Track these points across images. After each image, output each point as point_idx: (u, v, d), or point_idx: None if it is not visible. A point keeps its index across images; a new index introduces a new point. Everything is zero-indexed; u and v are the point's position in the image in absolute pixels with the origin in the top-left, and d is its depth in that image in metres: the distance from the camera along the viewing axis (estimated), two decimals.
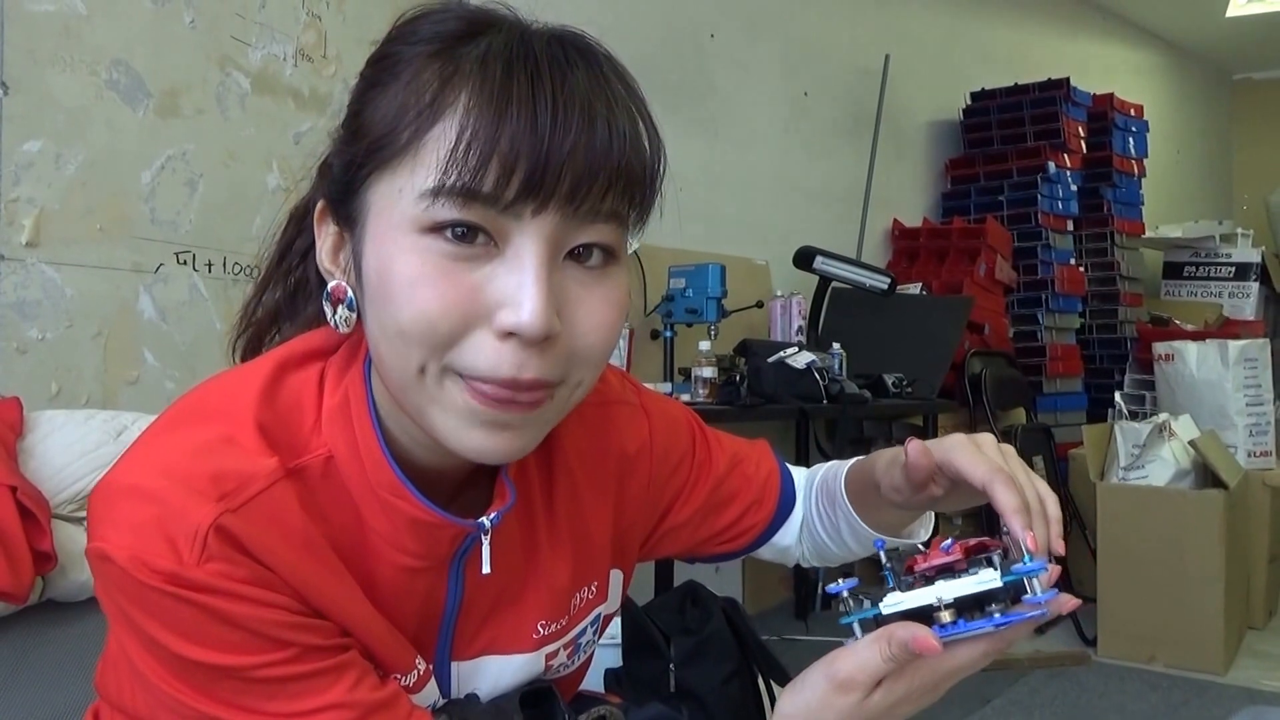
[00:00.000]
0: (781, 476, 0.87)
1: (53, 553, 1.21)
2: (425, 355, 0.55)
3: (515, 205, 0.53)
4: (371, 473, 0.61)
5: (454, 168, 0.52)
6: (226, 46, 1.97)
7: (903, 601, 0.57)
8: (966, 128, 4.18)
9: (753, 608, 2.98)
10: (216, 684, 0.56)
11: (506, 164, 0.52)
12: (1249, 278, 4.58)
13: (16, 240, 1.68)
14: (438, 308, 0.54)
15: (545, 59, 0.55)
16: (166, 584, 0.54)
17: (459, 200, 0.53)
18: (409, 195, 0.54)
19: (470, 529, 0.63)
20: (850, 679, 0.57)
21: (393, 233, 0.55)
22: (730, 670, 1.69)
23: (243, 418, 0.59)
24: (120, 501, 0.56)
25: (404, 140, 0.55)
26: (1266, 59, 6.29)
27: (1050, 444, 3.45)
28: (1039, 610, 0.56)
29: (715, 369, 2.48)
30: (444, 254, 0.54)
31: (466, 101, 0.53)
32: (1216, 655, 2.73)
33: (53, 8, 1.73)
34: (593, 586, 0.75)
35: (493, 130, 0.52)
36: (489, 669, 0.70)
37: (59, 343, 1.74)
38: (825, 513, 0.85)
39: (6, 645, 1.23)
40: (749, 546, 0.87)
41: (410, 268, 0.54)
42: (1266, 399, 3.35)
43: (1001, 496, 0.62)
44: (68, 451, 1.35)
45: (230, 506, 0.55)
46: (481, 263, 0.54)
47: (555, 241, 0.55)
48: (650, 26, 2.98)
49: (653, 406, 0.80)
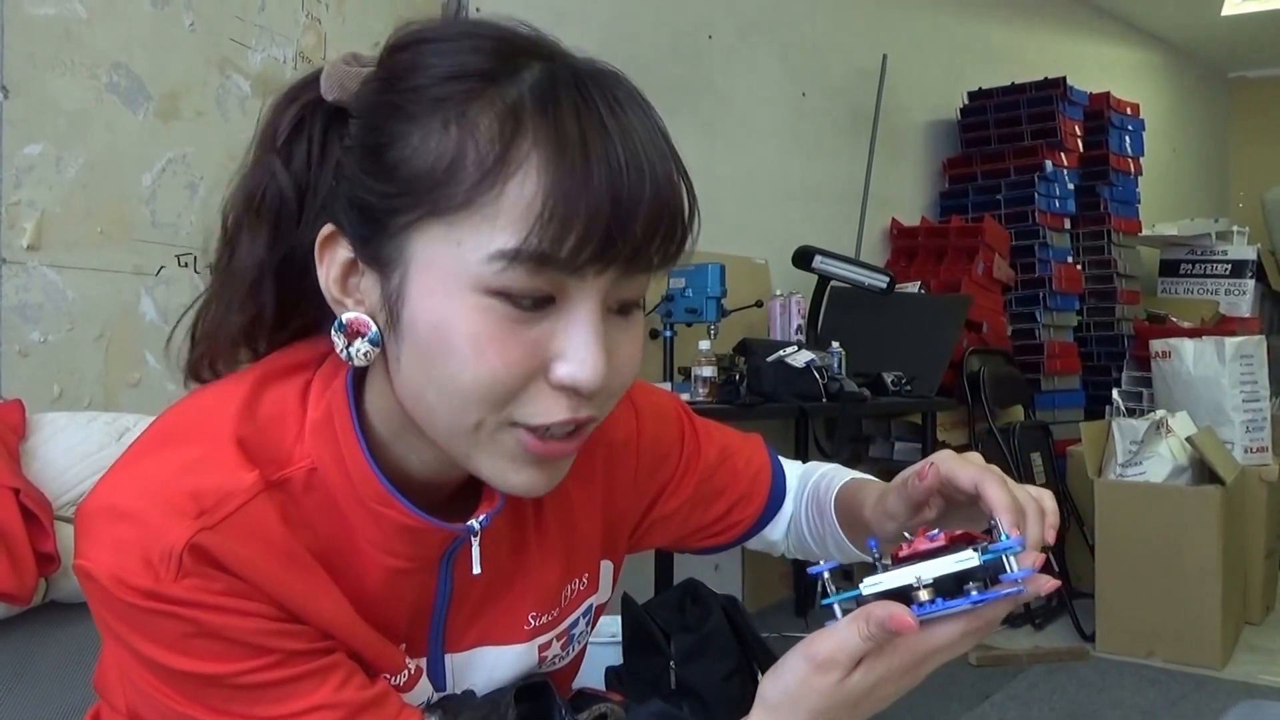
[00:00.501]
0: (773, 472, 0.88)
1: (56, 554, 1.21)
2: (485, 412, 0.56)
3: (584, 268, 0.54)
4: (358, 485, 0.61)
5: (535, 234, 0.52)
6: (226, 49, 1.98)
7: (881, 582, 0.57)
8: (964, 127, 4.18)
9: (752, 605, 2.98)
10: (203, 691, 0.57)
11: (589, 230, 0.52)
12: (1245, 275, 4.59)
13: (18, 243, 1.69)
14: (503, 367, 0.55)
15: (602, 105, 0.54)
16: (145, 600, 0.55)
17: (533, 265, 0.53)
18: (475, 253, 0.53)
19: (459, 532, 0.64)
20: (829, 659, 0.57)
21: (451, 288, 0.54)
22: (730, 667, 1.69)
23: (222, 435, 0.60)
24: (101, 522, 0.57)
25: (464, 195, 0.53)
26: (1262, 57, 6.30)
27: (1048, 441, 3.47)
28: (1016, 587, 0.56)
29: (715, 368, 2.48)
30: (509, 316, 0.54)
31: (541, 159, 0.52)
32: (1214, 650, 2.74)
33: (52, 11, 1.73)
34: (583, 578, 0.76)
35: (577, 194, 0.52)
36: (483, 660, 0.71)
37: (61, 345, 1.74)
38: (813, 520, 0.85)
39: (10, 647, 1.23)
40: (737, 540, 0.87)
41: (474, 328, 0.54)
42: (1263, 395, 3.36)
43: (991, 493, 0.63)
44: (70, 454, 1.35)
45: (208, 524, 0.56)
46: (540, 319, 0.55)
47: (608, 297, 0.57)
48: (649, 27, 2.98)
49: (641, 399, 0.80)
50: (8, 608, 1.20)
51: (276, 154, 0.64)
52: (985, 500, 0.64)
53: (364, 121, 0.58)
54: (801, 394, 2.58)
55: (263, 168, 0.64)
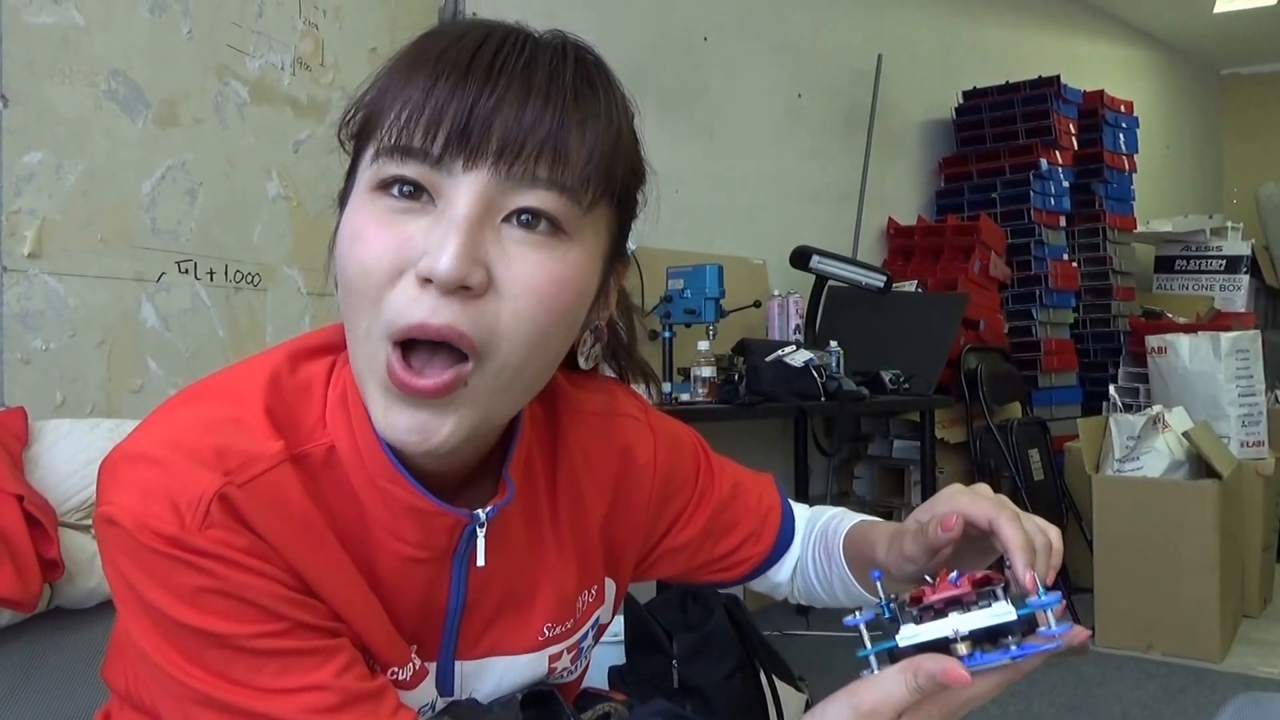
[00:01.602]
0: (782, 513, 0.88)
1: (60, 560, 1.22)
2: (365, 310, 0.57)
3: (445, 160, 0.56)
4: (369, 461, 0.62)
5: (394, 128, 0.56)
6: (224, 56, 1.98)
7: (919, 634, 0.58)
8: (959, 126, 4.20)
9: (753, 604, 2.99)
10: (206, 651, 0.56)
11: (432, 121, 0.56)
12: (1239, 270, 4.61)
13: (19, 251, 1.70)
14: (371, 255, 0.56)
15: (507, 45, 0.58)
16: (168, 547, 0.55)
17: (397, 158, 0.56)
18: (367, 163, 0.59)
19: (466, 519, 0.64)
20: (875, 709, 0.58)
21: (356, 200, 0.59)
22: (733, 666, 1.70)
23: (251, 402, 0.61)
24: (127, 468, 0.57)
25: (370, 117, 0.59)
26: (1254, 54, 6.32)
27: (1046, 437, 3.48)
28: (1055, 642, 0.58)
29: (714, 368, 2.49)
30: (388, 209, 0.57)
31: (421, 81, 0.57)
32: (1212, 643, 2.75)
33: (51, 20, 1.74)
34: (594, 589, 0.76)
35: (424, 95, 0.56)
36: (493, 669, 0.71)
37: (62, 352, 1.75)
38: (820, 563, 0.86)
39: (16, 653, 1.24)
40: (743, 578, 0.88)
41: (356, 223, 0.58)
42: (1258, 390, 3.38)
43: (1007, 532, 0.66)
44: (73, 460, 1.36)
45: (235, 481, 0.57)
46: (418, 215, 0.57)
47: (488, 200, 0.56)
48: (644, 31, 2.99)
49: (659, 426, 0.81)
50: (13, 614, 1.21)
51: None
52: (1000, 538, 0.66)
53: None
54: (800, 393, 2.59)
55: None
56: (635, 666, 1.73)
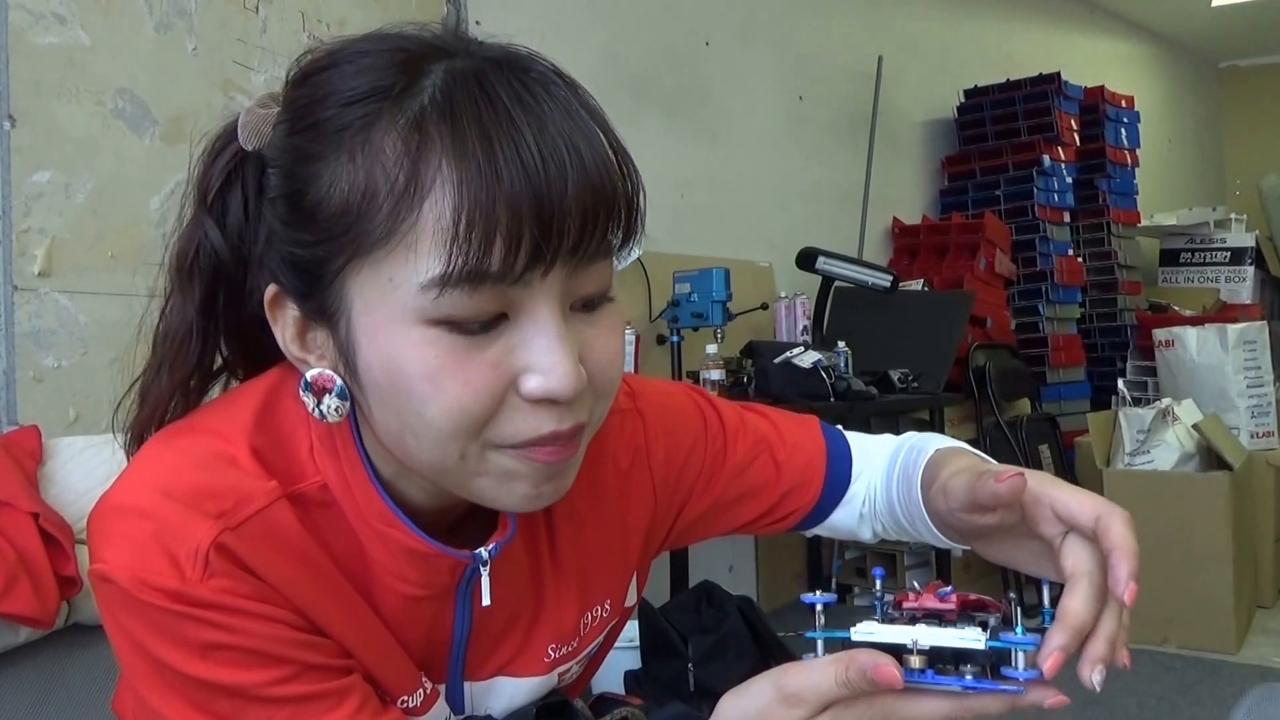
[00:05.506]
0: (829, 457, 0.81)
1: (77, 577, 1.22)
2: (463, 443, 0.54)
3: (525, 275, 0.50)
4: (362, 503, 0.60)
5: (459, 254, 0.49)
6: (230, 71, 2.00)
7: (875, 633, 0.53)
8: (961, 125, 4.21)
9: (767, 605, 2.99)
10: (216, 702, 0.55)
11: (512, 235, 0.49)
12: (1244, 262, 4.60)
13: (29, 270, 1.71)
14: (468, 395, 0.52)
15: (509, 99, 0.51)
16: (170, 602, 0.53)
17: (468, 285, 0.50)
18: (407, 287, 0.51)
19: (468, 560, 0.62)
20: (797, 694, 0.52)
21: (394, 326, 0.52)
22: (749, 667, 1.70)
23: (237, 440, 0.58)
24: (117, 521, 0.55)
25: (383, 227, 0.50)
26: (1252, 46, 6.33)
27: (1056, 433, 3.48)
28: (1015, 686, 0.51)
29: (723, 371, 2.50)
30: (460, 343, 0.52)
31: (450, 174, 0.49)
32: (1227, 635, 2.74)
33: (57, 39, 1.75)
34: (605, 604, 0.74)
35: (490, 202, 0.49)
36: (503, 689, 0.70)
37: (75, 370, 1.76)
38: (902, 500, 0.76)
39: (36, 669, 1.25)
40: (795, 528, 0.83)
41: (426, 362, 0.51)
42: (1267, 380, 3.37)
43: (1118, 531, 0.57)
44: (88, 477, 1.36)
45: (229, 524, 0.54)
46: (495, 337, 0.52)
47: (564, 298, 0.53)
48: (646, 36, 3.00)
49: (650, 405, 0.76)
50: (31, 631, 1.21)
51: (208, 211, 0.60)
52: (1108, 540, 0.57)
53: (279, 169, 0.55)
54: (809, 394, 2.59)
55: (195, 226, 0.61)
56: (651, 670, 1.74)
